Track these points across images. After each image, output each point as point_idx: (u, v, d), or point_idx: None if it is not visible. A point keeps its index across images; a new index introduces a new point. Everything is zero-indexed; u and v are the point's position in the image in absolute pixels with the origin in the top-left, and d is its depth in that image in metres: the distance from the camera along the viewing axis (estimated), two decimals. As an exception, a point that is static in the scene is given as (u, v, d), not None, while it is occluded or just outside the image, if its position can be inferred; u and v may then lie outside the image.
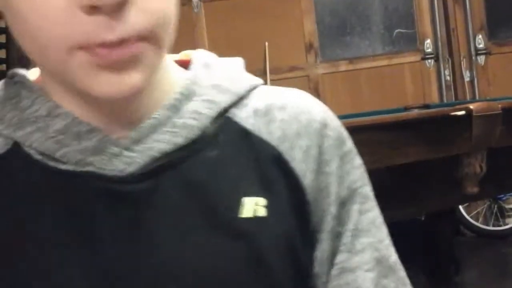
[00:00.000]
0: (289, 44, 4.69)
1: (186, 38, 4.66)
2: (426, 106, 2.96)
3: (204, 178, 0.56)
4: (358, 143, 2.16)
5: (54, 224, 0.54)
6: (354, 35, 4.77)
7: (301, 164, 0.60)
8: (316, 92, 4.73)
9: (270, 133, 0.60)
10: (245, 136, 0.60)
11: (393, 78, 4.72)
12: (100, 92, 0.51)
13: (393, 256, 0.66)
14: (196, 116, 0.57)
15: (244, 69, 0.65)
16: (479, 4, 4.71)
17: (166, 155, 0.56)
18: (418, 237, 3.52)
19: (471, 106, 2.04)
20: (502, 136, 2.08)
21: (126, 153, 0.55)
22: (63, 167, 0.55)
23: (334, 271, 0.62)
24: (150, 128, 0.56)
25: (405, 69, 4.74)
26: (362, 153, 2.17)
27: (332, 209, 0.61)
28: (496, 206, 4.58)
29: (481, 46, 4.72)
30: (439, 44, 4.72)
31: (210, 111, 0.58)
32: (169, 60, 0.61)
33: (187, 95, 0.58)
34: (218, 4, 4.70)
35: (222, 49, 4.20)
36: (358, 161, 0.65)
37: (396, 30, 4.77)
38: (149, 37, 0.51)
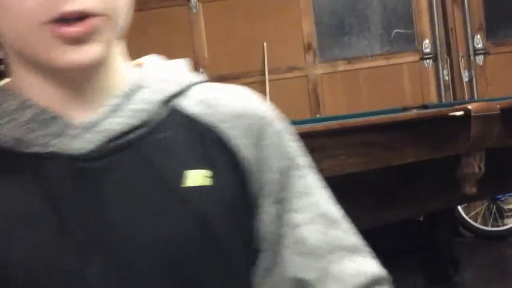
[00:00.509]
0: (287, 45, 4.69)
1: (184, 39, 4.66)
2: (425, 107, 2.96)
3: (155, 156, 0.67)
4: (356, 144, 2.15)
5: (27, 200, 0.63)
6: (352, 35, 4.77)
7: (242, 140, 0.70)
8: (314, 92, 4.73)
9: (212, 116, 0.71)
10: (190, 120, 0.70)
11: (391, 78, 4.72)
12: (65, 63, 0.61)
13: (337, 212, 0.75)
14: (146, 102, 0.68)
15: (188, 69, 0.75)
16: (478, 4, 4.71)
17: (122, 136, 0.66)
18: (417, 238, 3.52)
19: (470, 107, 2.04)
20: (501, 136, 2.08)
21: (85, 134, 0.65)
22: (31, 150, 0.64)
23: (283, 231, 0.71)
24: (106, 113, 0.66)
25: (403, 69, 4.74)
26: (360, 153, 2.15)
27: (274, 177, 0.71)
28: (494, 206, 4.57)
29: (480, 46, 4.72)
30: (438, 44, 4.72)
31: (158, 97, 0.69)
32: (123, 60, 0.72)
33: (138, 86, 0.69)
34: (216, 4, 4.70)
35: (221, 50, 4.19)
36: (293, 136, 0.76)
37: (395, 30, 4.77)
38: (103, 14, 0.62)
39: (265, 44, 4.65)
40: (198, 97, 0.72)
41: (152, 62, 0.75)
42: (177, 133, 0.69)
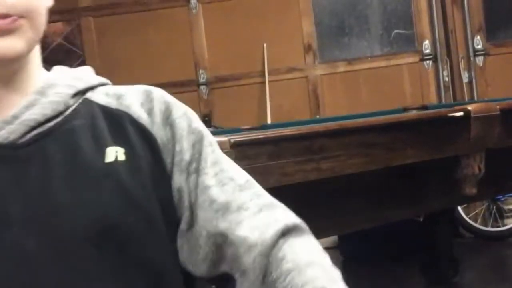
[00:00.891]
0: (287, 46, 4.69)
1: (184, 40, 4.66)
2: (424, 107, 2.96)
3: (75, 139, 0.77)
4: (356, 144, 2.14)
5: None
6: (352, 36, 4.77)
7: (151, 120, 0.82)
8: (314, 93, 4.73)
9: (122, 105, 0.82)
10: (103, 109, 0.81)
11: (391, 79, 4.72)
12: None
13: (245, 179, 0.84)
14: (58, 95, 0.79)
15: (94, 73, 0.88)
16: (477, 5, 4.71)
17: (40, 125, 0.76)
18: (417, 238, 3.52)
19: (470, 107, 2.04)
20: (501, 137, 2.09)
21: (7, 126, 0.75)
22: None
23: (198, 194, 0.81)
24: (24, 107, 0.76)
25: (403, 70, 4.74)
26: (361, 154, 2.14)
27: (186, 150, 0.81)
28: (494, 207, 4.57)
29: (479, 47, 4.73)
30: (438, 45, 4.72)
31: (69, 91, 0.80)
32: (38, 65, 0.82)
33: (51, 84, 0.80)
34: (216, 5, 4.70)
35: (221, 51, 4.18)
36: (197, 116, 0.86)
37: (395, 31, 4.77)
38: (26, 16, 0.74)
39: (265, 45, 4.66)
40: (106, 92, 0.84)
41: (61, 68, 0.86)
42: (92, 120, 0.80)
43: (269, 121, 4.28)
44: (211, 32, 4.69)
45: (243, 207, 0.80)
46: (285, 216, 0.80)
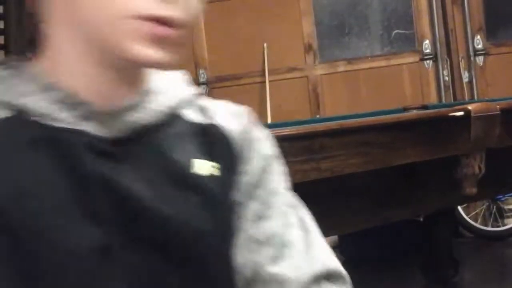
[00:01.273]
0: (288, 45, 4.69)
1: (184, 39, 4.66)
2: (425, 107, 2.96)
3: (166, 146, 0.74)
4: (356, 144, 2.14)
5: (50, 169, 0.67)
6: (352, 36, 4.77)
7: (236, 133, 0.80)
8: (315, 92, 4.73)
9: (210, 118, 0.80)
10: (190, 124, 0.79)
11: (391, 78, 4.72)
12: (139, 58, 0.66)
13: (301, 215, 0.82)
14: (163, 104, 0.76)
15: (188, 81, 0.84)
16: (478, 5, 4.71)
17: (140, 129, 0.73)
18: (417, 238, 3.52)
19: (470, 107, 2.04)
20: (501, 137, 2.09)
21: (110, 121, 0.71)
22: (59, 124, 0.69)
23: (249, 217, 0.78)
24: (129, 106, 0.73)
25: (403, 69, 4.74)
26: (360, 153, 2.14)
27: (253, 172, 0.79)
28: (495, 207, 4.57)
29: (480, 46, 4.73)
30: (438, 44, 4.72)
31: (171, 103, 0.77)
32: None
33: (156, 92, 0.76)
34: (216, 5, 4.70)
35: (221, 51, 4.19)
36: (273, 143, 0.85)
37: (395, 31, 4.77)
38: (186, 28, 0.68)
39: (265, 44, 4.66)
40: (193, 107, 0.81)
41: (159, 73, 0.80)
42: (183, 131, 0.77)
43: (269, 121, 4.28)
44: (211, 32, 4.69)
45: (287, 245, 0.77)
46: (331, 261, 0.78)
